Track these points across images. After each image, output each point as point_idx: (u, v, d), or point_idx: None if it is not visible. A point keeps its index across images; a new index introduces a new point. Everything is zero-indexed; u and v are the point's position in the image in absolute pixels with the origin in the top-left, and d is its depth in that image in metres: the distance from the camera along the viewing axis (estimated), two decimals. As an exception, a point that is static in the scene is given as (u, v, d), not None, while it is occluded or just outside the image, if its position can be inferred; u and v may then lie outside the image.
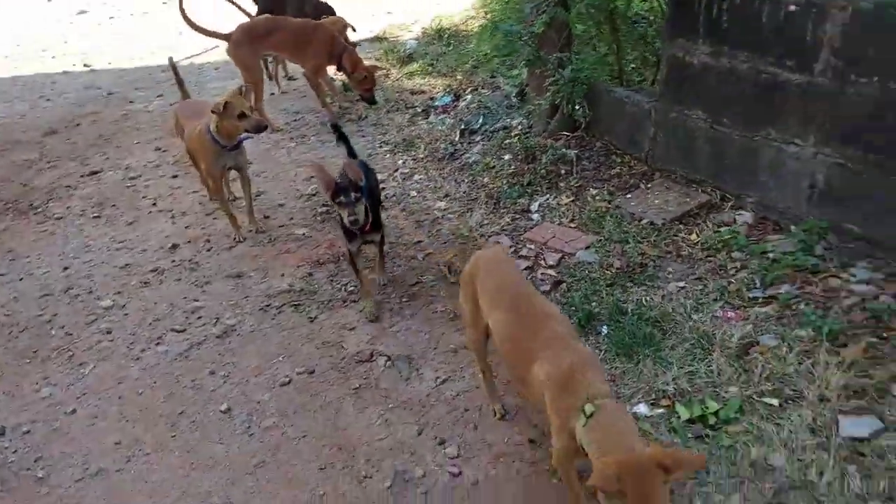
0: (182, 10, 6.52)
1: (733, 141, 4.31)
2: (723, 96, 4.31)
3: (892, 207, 3.57)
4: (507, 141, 5.50)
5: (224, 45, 6.80)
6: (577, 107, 5.06)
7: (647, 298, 3.68)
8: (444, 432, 3.15)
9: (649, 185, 4.70)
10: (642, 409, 3.04)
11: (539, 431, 3.06)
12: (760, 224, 4.16)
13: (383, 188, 5.38)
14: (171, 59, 5.48)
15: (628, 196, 4.65)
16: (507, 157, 5.34)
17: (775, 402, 2.96)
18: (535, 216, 4.67)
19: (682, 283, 3.78)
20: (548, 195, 4.83)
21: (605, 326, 3.54)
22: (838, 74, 3.67)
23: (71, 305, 4.44)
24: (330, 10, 7.75)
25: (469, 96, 6.78)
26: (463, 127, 6.09)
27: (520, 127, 5.60)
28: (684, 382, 3.12)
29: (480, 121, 6.05)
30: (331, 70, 7.19)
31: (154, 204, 5.77)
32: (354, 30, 7.89)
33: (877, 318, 3.27)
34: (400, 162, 5.98)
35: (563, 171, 4.98)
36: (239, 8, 7.52)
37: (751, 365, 3.16)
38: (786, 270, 3.69)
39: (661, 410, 3.03)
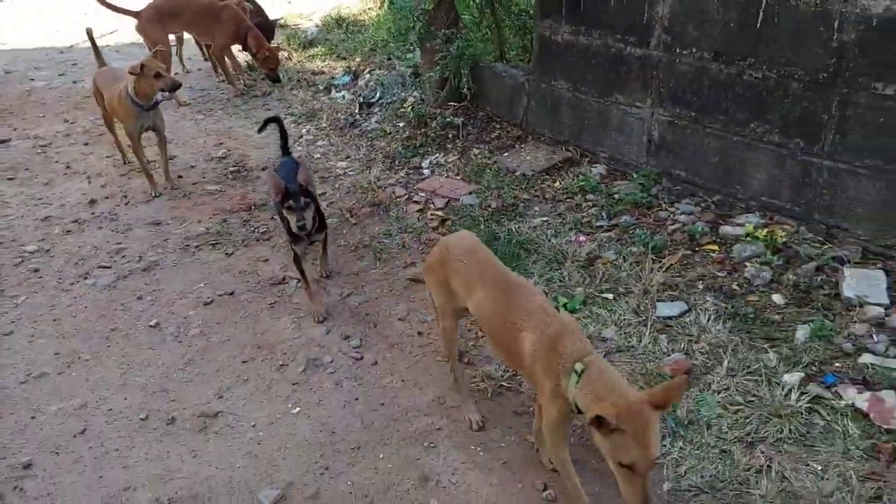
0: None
1: (590, 106, 5.15)
2: (582, 68, 5.14)
3: (707, 155, 4.48)
4: (402, 111, 6.17)
5: (131, 23, 7.17)
6: (463, 80, 5.78)
7: (517, 228, 4.43)
8: (348, 330, 3.77)
9: (523, 146, 5.48)
10: (509, 306, 3.77)
11: (427, 326, 3.73)
12: (611, 173, 5.01)
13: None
14: (89, 29, 5.83)
15: (505, 154, 5.41)
16: (401, 124, 6.02)
17: (610, 296, 3.76)
18: (426, 171, 5.36)
19: (545, 218, 4.57)
20: (437, 154, 5.53)
21: (482, 251, 4.25)
22: (668, 47, 4.54)
23: (-5, 250, 4.76)
24: None
25: (367, 76, 7.40)
26: (362, 100, 6.72)
27: (412, 99, 6.28)
28: (542, 286, 3.87)
29: (378, 95, 6.69)
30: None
31: (68, 167, 6.07)
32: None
33: (692, 237, 4.14)
34: (304, 130, 6.53)
35: (450, 135, 5.70)
36: None
37: (594, 272, 3.96)
38: (627, 206, 4.53)
39: (524, 307, 3.76)
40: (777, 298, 3.58)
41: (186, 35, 8.34)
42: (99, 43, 6.27)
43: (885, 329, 3.28)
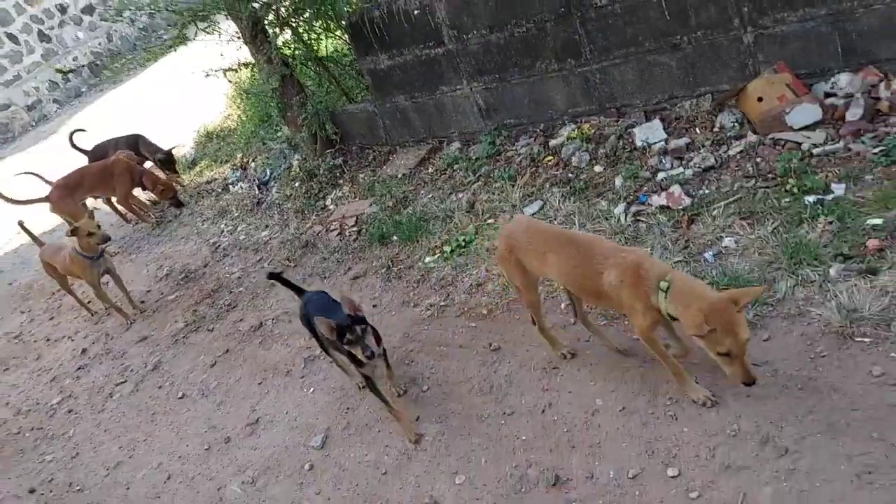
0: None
1: (428, 105, 6.46)
2: (409, 80, 6.45)
3: (520, 100, 5.83)
4: (293, 174, 7.37)
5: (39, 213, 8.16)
6: (328, 129, 7.03)
7: (413, 211, 5.67)
8: (323, 330, 4.90)
9: (394, 156, 6.76)
10: (428, 259, 4.99)
11: (377, 299, 4.90)
12: (465, 144, 6.32)
13: (217, 246, 7.04)
14: (20, 221, 6.85)
15: (384, 167, 6.67)
16: (296, 184, 7.21)
17: (492, 220, 5.03)
18: (332, 206, 6.57)
19: (430, 195, 5.82)
20: (334, 191, 6.75)
21: (395, 236, 5.47)
22: (458, 39, 5.90)
23: (27, 416, 5.68)
24: (135, 146, 9.21)
25: (253, 163, 8.58)
26: (258, 183, 7.89)
27: (297, 162, 7.49)
28: (444, 236, 5.12)
29: (268, 172, 7.88)
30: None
31: (48, 340, 6.99)
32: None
33: (533, 159, 5.47)
34: (222, 226, 7.64)
35: (338, 173, 6.94)
36: (39, 177, 8.80)
37: (477, 211, 5.23)
38: (484, 160, 5.84)
39: (437, 255, 5.00)
40: (597, 168, 4.93)
41: (90, 201, 9.36)
42: (17, 237, 7.24)
43: (668, 153, 4.64)
